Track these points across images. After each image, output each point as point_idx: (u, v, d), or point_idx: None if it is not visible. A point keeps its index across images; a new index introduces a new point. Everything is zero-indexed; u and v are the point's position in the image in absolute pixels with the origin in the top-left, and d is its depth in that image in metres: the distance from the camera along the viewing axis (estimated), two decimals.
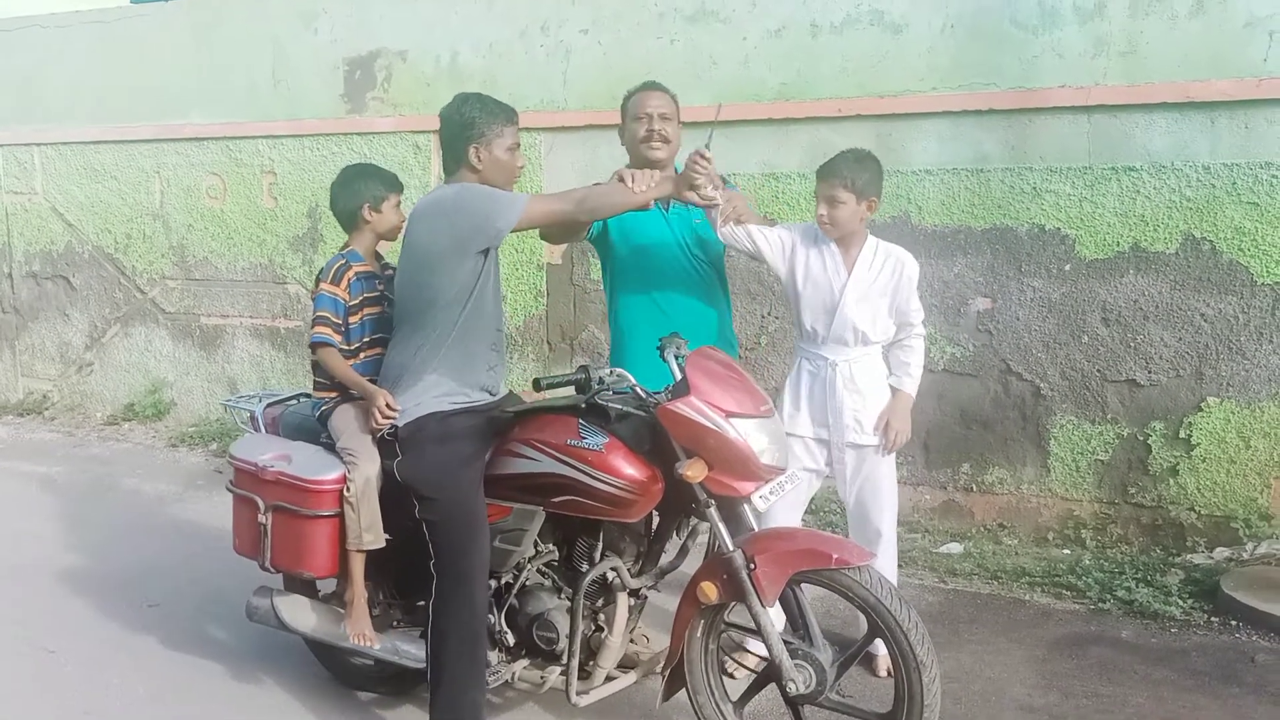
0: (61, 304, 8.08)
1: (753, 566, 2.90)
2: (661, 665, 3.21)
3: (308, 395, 3.82)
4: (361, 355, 3.46)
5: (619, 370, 3.14)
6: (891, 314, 3.62)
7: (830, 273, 3.58)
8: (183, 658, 4.03)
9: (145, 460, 6.93)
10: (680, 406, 2.93)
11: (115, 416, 7.80)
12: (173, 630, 4.25)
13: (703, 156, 3.12)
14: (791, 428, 3.59)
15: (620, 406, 3.07)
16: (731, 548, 2.95)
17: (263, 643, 4.03)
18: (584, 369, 3.09)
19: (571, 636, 3.15)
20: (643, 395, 3.09)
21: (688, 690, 3.14)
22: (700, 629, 3.11)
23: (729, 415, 2.92)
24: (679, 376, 3.05)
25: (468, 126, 3.18)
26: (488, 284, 3.21)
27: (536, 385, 3.10)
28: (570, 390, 3.15)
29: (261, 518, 3.45)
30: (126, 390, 7.88)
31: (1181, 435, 4.86)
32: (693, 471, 2.90)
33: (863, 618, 2.95)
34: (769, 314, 5.62)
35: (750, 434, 2.93)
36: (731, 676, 3.45)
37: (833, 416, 3.60)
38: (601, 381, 3.07)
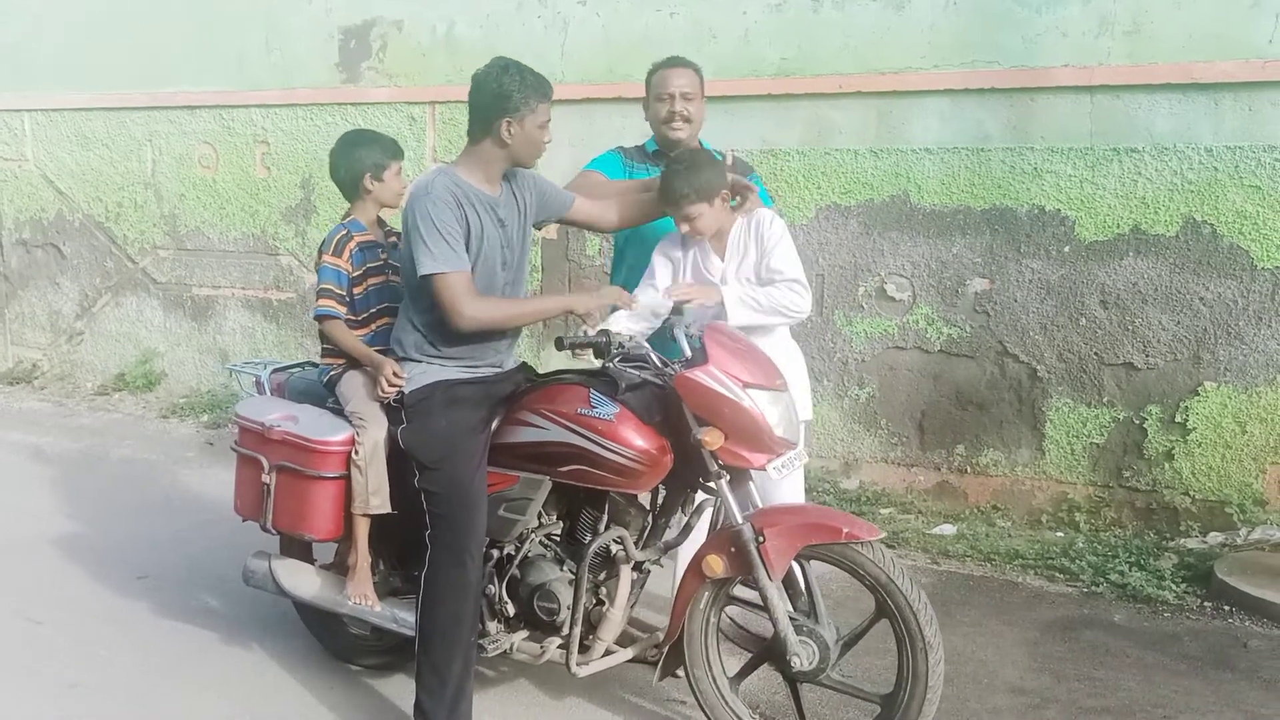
0: (52, 272, 8.02)
1: (761, 540, 2.89)
2: (660, 643, 3.18)
3: (314, 364, 3.81)
4: (372, 326, 3.44)
5: (636, 338, 3.12)
6: (757, 275, 3.45)
7: (706, 268, 3.47)
8: (172, 629, 4.00)
9: (135, 431, 6.89)
10: (698, 375, 2.92)
11: (105, 386, 7.76)
12: (162, 602, 4.22)
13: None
14: None
15: (638, 374, 3.06)
16: (740, 520, 2.94)
17: (253, 614, 4.02)
18: (605, 333, 3.09)
19: (574, 607, 3.14)
20: (659, 364, 3.07)
21: (685, 666, 3.12)
22: (703, 603, 3.09)
23: (746, 385, 2.93)
24: (688, 353, 3.04)
25: (504, 99, 3.08)
26: (476, 269, 3.14)
27: (559, 344, 3.11)
28: (589, 353, 3.15)
29: (265, 478, 3.42)
30: (117, 360, 7.83)
31: (1178, 419, 4.84)
32: (710, 437, 2.89)
33: (871, 596, 2.94)
34: None
35: (765, 406, 2.93)
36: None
37: None
38: (621, 347, 3.06)
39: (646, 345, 3.11)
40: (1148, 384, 4.91)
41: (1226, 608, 4.17)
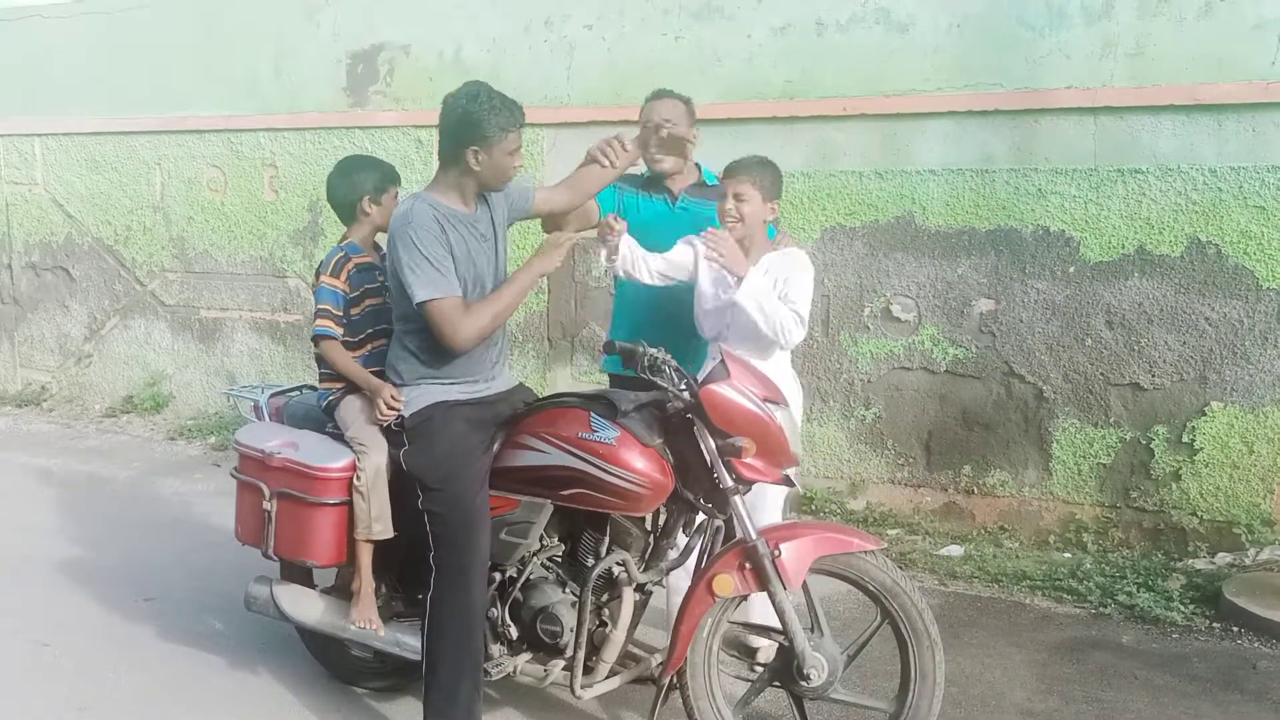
0: (61, 295, 8.06)
1: (777, 554, 2.92)
2: (661, 671, 3.14)
3: (312, 387, 3.82)
4: (367, 347, 3.45)
5: (664, 351, 3.14)
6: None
7: (726, 278, 3.53)
8: (178, 652, 4.00)
9: (143, 453, 6.91)
10: (725, 388, 2.96)
11: (114, 409, 7.78)
12: (168, 624, 4.22)
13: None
14: None
15: (635, 395, 3.09)
16: (755, 536, 2.95)
17: (258, 637, 4.01)
18: (640, 343, 3.13)
19: (578, 631, 3.15)
20: (675, 376, 3.09)
21: (685, 697, 3.10)
22: (705, 631, 3.09)
23: (765, 400, 2.98)
24: (680, 386, 3.07)
25: (471, 127, 3.08)
26: (470, 286, 3.17)
27: (609, 347, 3.19)
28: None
29: (266, 505, 3.43)
30: (125, 382, 7.85)
31: (1184, 439, 4.84)
32: (750, 445, 2.93)
33: (857, 613, 2.95)
34: None
35: (781, 420, 2.99)
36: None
37: None
38: (654, 358, 3.09)
39: (670, 358, 3.12)
40: (1154, 404, 4.90)
41: (1235, 629, 4.15)
